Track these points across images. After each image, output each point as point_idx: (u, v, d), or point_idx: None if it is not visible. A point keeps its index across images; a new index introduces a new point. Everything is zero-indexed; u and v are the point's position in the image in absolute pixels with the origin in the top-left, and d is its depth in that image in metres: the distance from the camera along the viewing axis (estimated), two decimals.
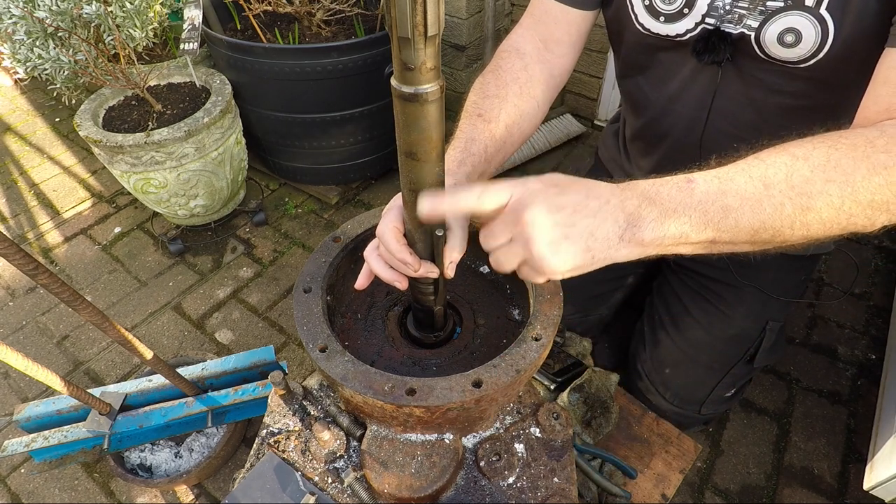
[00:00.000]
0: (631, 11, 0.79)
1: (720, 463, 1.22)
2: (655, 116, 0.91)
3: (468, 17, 1.94)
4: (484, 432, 0.65)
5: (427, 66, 0.39)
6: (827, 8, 0.61)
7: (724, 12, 0.70)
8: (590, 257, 0.45)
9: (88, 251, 1.76)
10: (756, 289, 1.01)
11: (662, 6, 0.75)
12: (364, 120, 1.68)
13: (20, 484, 1.22)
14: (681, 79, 0.81)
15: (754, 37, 0.68)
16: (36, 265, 0.61)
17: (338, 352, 0.57)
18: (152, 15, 1.50)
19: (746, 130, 0.79)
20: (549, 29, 0.85)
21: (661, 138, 0.92)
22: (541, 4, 0.85)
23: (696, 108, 0.82)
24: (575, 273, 0.47)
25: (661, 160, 0.95)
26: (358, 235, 0.71)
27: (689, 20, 0.74)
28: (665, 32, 0.77)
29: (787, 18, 0.64)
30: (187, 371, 1.05)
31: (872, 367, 1.37)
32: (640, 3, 0.77)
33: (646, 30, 0.79)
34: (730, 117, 0.80)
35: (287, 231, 1.82)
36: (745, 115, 0.78)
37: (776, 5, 0.65)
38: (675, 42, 0.77)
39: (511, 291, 0.76)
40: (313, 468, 0.63)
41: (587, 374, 0.92)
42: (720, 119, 0.80)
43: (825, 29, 0.62)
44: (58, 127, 2.33)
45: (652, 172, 1.02)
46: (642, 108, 0.93)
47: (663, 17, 0.75)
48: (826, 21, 0.62)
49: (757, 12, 0.67)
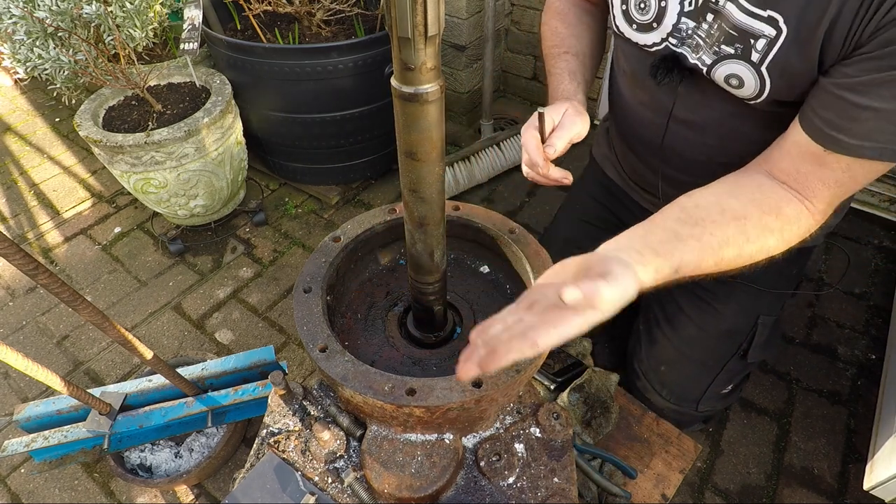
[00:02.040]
0: (611, 12, 0.83)
1: (720, 463, 1.22)
2: (624, 115, 0.96)
3: (468, 17, 1.94)
4: (484, 432, 0.65)
5: (427, 66, 0.39)
6: (766, 67, 0.66)
7: (685, 35, 0.73)
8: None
9: (88, 251, 1.76)
10: (746, 284, 1.02)
11: (636, 15, 0.78)
12: (364, 120, 1.68)
13: (20, 484, 1.22)
14: (648, 83, 0.84)
15: (706, 71, 0.73)
16: (36, 265, 0.61)
17: (338, 352, 0.57)
18: (152, 15, 1.50)
19: (705, 134, 0.83)
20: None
21: (631, 136, 0.97)
22: None
23: (658, 113, 0.87)
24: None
25: (634, 158, 1.00)
26: (358, 235, 0.71)
27: (655, 35, 0.77)
28: (636, 40, 0.80)
29: (734, 66, 0.69)
30: (187, 371, 1.05)
31: (872, 367, 1.37)
32: (618, 8, 0.80)
33: (620, 32, 0.82)
34: (689, 123, 0.83)
35: (287, 231, 1.82)
36: (704, 119, 0.82)
37: (728, 51, 0.69)
38: (644, 51, 0.80)
39: (511, 291, 0.76)
40: (313, 468, 0.63)
41: (587, 374, 0.92)
42: (679, 125, 0.85)
43: (763, 82, 0.68)
44: (58, 127, 2.33)
45: (630, 169, 1.07)
46: (617, 105, 0.99)
47: (636, 25, 0.78)
48: (764, 77, 0.67)
49: (711, 51, 0.71)
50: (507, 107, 2.34)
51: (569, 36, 0.99)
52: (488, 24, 1.80)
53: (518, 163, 2.01)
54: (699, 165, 0.88)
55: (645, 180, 1.03)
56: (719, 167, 0.85)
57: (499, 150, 1.95)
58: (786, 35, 0.62)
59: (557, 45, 0.98)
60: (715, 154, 0.85)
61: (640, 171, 1.02)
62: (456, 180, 1.87)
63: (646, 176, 1.01)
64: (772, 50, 0.64)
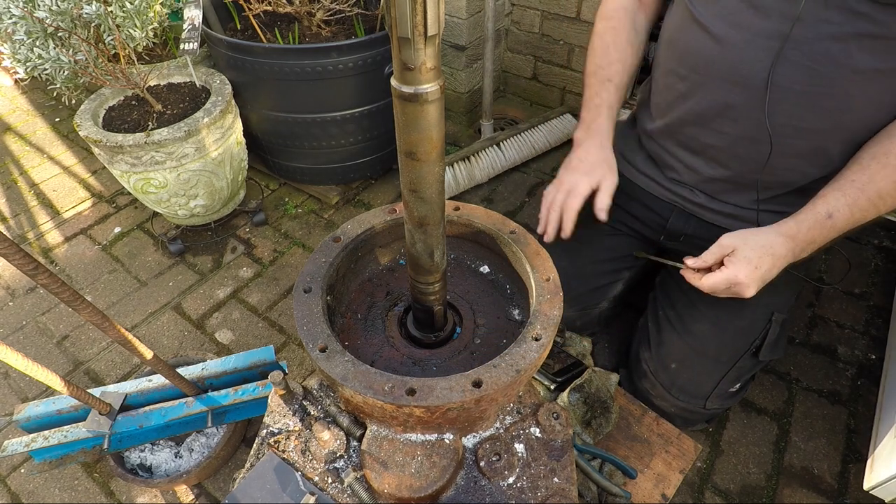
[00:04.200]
0: None
1: (720, 463, 1.22)
2: (703, 59, 0.87)
3: (468, 17, 1.94)
4: (484, 432, 0.65)
5: (427, 66, 0.39)
6: None
7: None
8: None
9: (88, 251, 1.76)
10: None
11: None
12: (364, 120, 1.68)
13: (20, 484, 1.22)
14: (753, 4, 0.79)
15: None
16: (36, 265, 0.61)
17: (338, 352, 0.57)
18: (152, 15, 1.50)
19: (823, 63, 0.77)
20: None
21: (717, 77, 0.87)
22: None
23: (770, 37, 0.79)
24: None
25: (714, 109, 0.90)
26: (358, 235, 0.71)
27: None
28: None
29: None
30: (187, 371, 1.05)
31: (872, 367, 1.37)
32: None
33: None
34: (806, 46, 0.77)
35: (287, 231, 1.82)
36: (823, 44, 0.76)
37: None
38: None
39: (511, 291, 0.76)
40: (313, 468, 0.63)
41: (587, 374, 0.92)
42: (796, 52, 0.78)
43: None
44: (58, 127, 2.33)
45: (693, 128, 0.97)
46: (691, 48, 0.90)
47: None
48: None
49: None
50: (507, 107, 2.34)
51: (616, 60, 1.03)
52: (488, 24, 1.80)
53: (518, 163, 2.01)
54: (804, 116, 0.82)
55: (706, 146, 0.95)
56: (823, 102, 0.80)
57: (499, 150, 1.95)
58: None
59: (604, 68, 1.04)
60: (825, 85, 0.79)
61: (711, 136, 0.94)
62: (456, 180, 1.87)
63: (710, 138, 0.93)
64: None
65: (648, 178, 1.13)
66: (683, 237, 1.12)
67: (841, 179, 0.82)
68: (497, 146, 1.95)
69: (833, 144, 0.85)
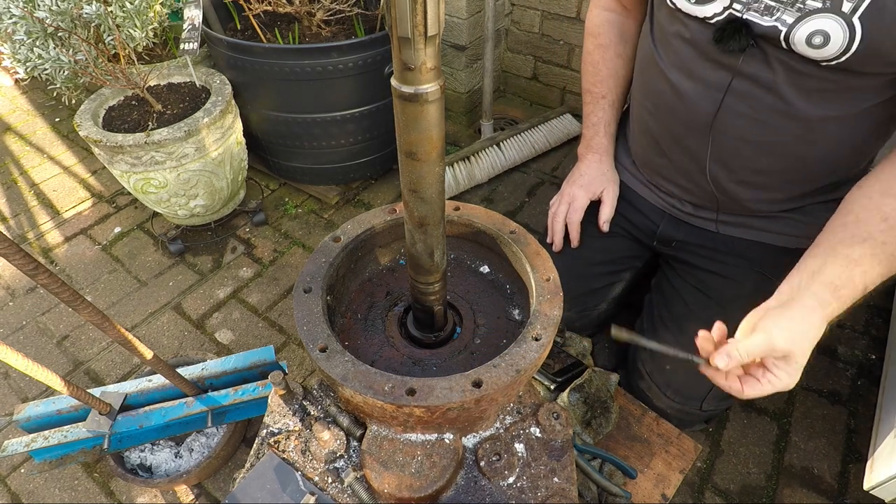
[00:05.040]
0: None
1: (720, 463, 1.22)
2: (664, 99, 0.91)
3: (468, 17, 1.94)
4: (484, 432, 0.65)
5: (427, 66, 0.39)
6: (860, 17, 0.63)
7: (751, 0, 0.70)
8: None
9: (88, 251, 1.76)
10: (753, 282, 1.02)
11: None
12: (364, 120, 1.68)
13: (20, 484, 1.22)
14: (704, 56, 0.81)
15: (785, 33, 0.69)
16: (36, 265, 0.61)
17: (338, 352, 0.57)
18: (152, 15, 1.50)
19: (764, 112, 0.79)
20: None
21: (671, 121, 0.92)
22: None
23: (712, 88, 0.82)
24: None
25: (672, 146, 0.95)
26: (358, 235, 0.71)
27: (717, 4, 0.74)
28: (694, 13, 0.77)
29: (821, 20, 0.65)
30: (187, 371, 1.05)
31: (872, 367, 1.37)
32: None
33: (676, 7, 0.80)
34: (748, 98, 0.79)
35: (287, 231, 1.82)
36: (764, 97, 0.78)
37: (814, 5, 0.66)
38: (702, 22, 0.78)
39: (511, 291, 0.76)
40: (313, 468, 0.63)
41: (587, 374, 0.92)
42: (736, 100, 0.81)
43: (853, 34, 0.64)
44: (58, 127, 2.33)
45: (651, 165, 1.05)
46: (650, 91, 0.94)
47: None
48: (855, 27, 0.64)
49: (794, 9, 0.67)
50: (507, 107, 2.34)
51: (608, 77, 1.07)
52: (488, 24, 1.80)
53: (518, 163, 2.01)
54: (748, 150, 0.85)
55: (675, 168, 1.00)
56: (767, 154, 0.83)
57: (499, 150, 1.95)
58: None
59: (597, 85, 1.08)
60: (767, 135, 0.82)
61: (673, 158, 0.99)
62: (456, 180, 1.87)
63: (678, 162, 0.97)
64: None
65: (640, 182, 1.14)
66: (675, 243, 1.12)
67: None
68: (497, 146, 1.95)
69: (797, 178, 0.86)
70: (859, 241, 0.65)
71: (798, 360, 0.66)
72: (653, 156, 1.04)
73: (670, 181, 1.04)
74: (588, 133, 1.13)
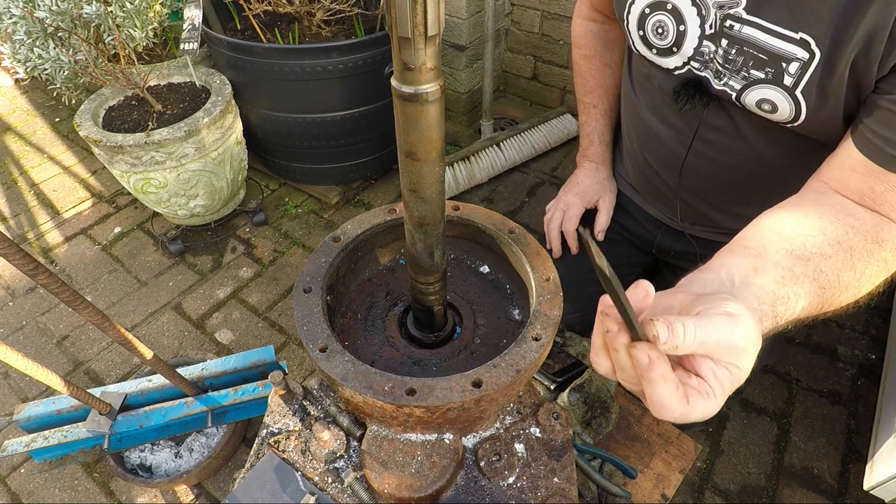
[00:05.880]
0: (629, 37, 0.81)
1: (720, 463, 1.22)
2: (644, 131, 0.94)
3: (468, 17, 1.94)
4: (484, 432, 0.65)
5: (427, 66, 0.39)
6: (802, 91, 0.63)
7: (708, 59, 0.72)
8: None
9: (88, 251, 1.76)
10: None
11: (655, 40, 0.76)
12: (364, 120, 1.68)
13: (20, 484, 1.22)
14: (670, 104, 0.82)
15: (735, 96, 0.70)
16: (36, 265, 0.61)
17: (338, 352, 0.57)
18: (152, 15, 1.50)
19: (731, 156, 0.81)
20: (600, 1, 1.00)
21: (649, 153, 0.95)
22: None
23: (681, 133, 0.85)
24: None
25: (652, 173, 0.98)
26: (358, 235, 0.71)
27: (677, 59, 0.75)
28: (658, 63, 0.79)
29: (766, 90, 0.66)
30: (187, 371, 1.05)
31: (872, 367, 1.37)
32: (636, 32, 0.79)
33: (642, 56, 0.81)
34: (715, 145, 0.82)
35: (287, 231, 1.82)
36: (731, 144, 0.80)
37: (757, 75, 0.66)
38: (667, 72, 0.79)
39: (511, 291, 0.76)
40: (313, 468, 0.63)
41: (587, 374, 0.92)
42: (704, 146, 0.83)
43: (798, 107, 0.65)
44: (58, 127, 2.33)
45: (643, 181, 1.06)
46: (634, 119, 0.96)
47: (655, 49, 0.77)
48: (800, 101, 0.64)
49: (739, 77, 0.68)
50: (507, 107, 2.34)
51: (596, 86, 1.07)
52: (488, 24, 1.80)
53: (518, 163, 2.01)
54: (721, 187, 0.87)
55: (659, 192, 1.03)
56: (741, 190, 0.85)
57: (499, 150, 1.95)
58: (819, 58, 0.59)
59: (587, 95, 1.10)
60: (738, 177, 0.83)
61: (656, 185, 1.02)
62: (456, 180, 1.87)
63: (660, 188, 1.00)
64: (806, 73, 0.61)
65: (637, 193, 1.14)
66: (673, 253, 1.12)
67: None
68: (497, 146, 1.95)
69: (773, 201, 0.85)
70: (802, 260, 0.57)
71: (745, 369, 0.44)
72: (640, 179, 1.06)
73: (659, 201, 1.06)
74: (584, 142, 1.15)
